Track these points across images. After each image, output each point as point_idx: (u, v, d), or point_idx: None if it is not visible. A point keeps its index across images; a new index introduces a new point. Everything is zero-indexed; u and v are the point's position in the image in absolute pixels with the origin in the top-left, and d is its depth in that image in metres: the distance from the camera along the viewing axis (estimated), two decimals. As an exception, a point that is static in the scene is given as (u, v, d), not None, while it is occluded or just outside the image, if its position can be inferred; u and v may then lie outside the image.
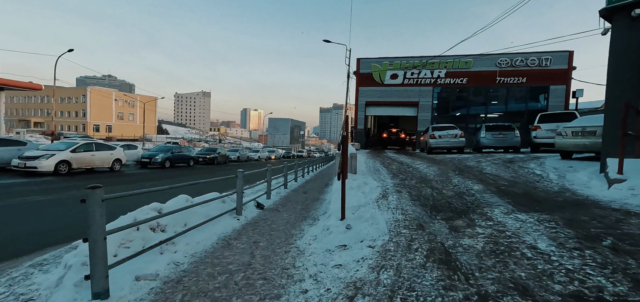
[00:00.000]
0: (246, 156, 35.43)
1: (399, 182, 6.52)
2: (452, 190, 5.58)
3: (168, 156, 19.85)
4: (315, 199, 8.24)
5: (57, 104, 71.82)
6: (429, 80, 21.18)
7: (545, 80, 19.08)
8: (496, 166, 8.74)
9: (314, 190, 10.07)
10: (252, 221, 5.54)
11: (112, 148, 15.58)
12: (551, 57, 18.88)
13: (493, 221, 3.74)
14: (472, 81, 20.35)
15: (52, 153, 12.72)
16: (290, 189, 10.33)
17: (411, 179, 6.90)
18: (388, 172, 8.06)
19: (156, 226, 3.92)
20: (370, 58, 22.38)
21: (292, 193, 9.24)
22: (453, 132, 14.80)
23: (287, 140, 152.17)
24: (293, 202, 7.70)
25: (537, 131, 13.60)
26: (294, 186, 11.18)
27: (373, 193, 5.51)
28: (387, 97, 22.06)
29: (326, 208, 6.67)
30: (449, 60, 20.60)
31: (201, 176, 15.36)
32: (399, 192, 5.58)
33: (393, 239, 3.45)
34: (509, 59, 19.52)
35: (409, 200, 5.06)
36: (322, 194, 9.09)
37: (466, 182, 6.28)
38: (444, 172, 7.60)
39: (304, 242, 4.12)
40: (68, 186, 10.05)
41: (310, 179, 14.24)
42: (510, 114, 20.13)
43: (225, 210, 5.53)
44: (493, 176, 6.95)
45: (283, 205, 7.22)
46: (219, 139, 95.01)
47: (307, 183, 12.24)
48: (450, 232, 3.49)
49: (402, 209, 4.59)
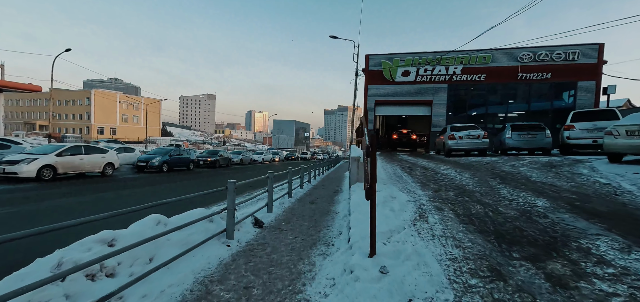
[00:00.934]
0: (250, 159, 34.26)
1: (434, 194, 5.18)
2: (511, 207, 4.22)
3: (165, 159, 18.71)
4: (325, 211, 6.93)
5: (61, 106, 71.79)
6: (443, 77, 19.74)
7: (572, 75, 17.53)
8: (540, 171, 7.35)
9: (323, 199, 8.76)
10: (246, 247, 4.26)
11: (104, 151, 14.47)
12: (579, 51, 17.33)
13: (613, 267, 2.39)
14: (491, 78, 18.87)
15: (35, 157, 11.61)
16: (296, 197, 9.05)
17: (446, 189, 5.55)
18: (414, 180, 6.72)
19: (98, 270, 2.64)
20: (380, 54, 21.03)
21: (297, 203, 7.95)
22: (475, 132, 13.40)
23: (291, 142, 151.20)
24: (299, 216, 6.40)
25: (571, 131, 12.20)
26: (299, 193, 9.90)
27: (405, 211, 4.18)
28: (398, 96, 20.66)
29: (340, 226, 5.37)
30: (465, 55, 19.16)
31: (201, 182, 14.18)
32: (440, 209, 4.24)
33: (462, 300, 2.13)
34: (531, 53, 18.01)
35: (458, 222, 3.72)
36: (333, 205, 7.78)
37: (520, 193, 4.92)
38: (482, 180, 6.24)
39: (317, 291, 2.82)
40: (50, 193, 8.90)
41: (317, 184, 12.94)
42: (533, 113, 18.60)
43: (212, 233, 4.25)
44: (548, 185, 5.57)
45: (287, 220, 5.93)
46: (224, 141, 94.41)
47: (314, 190, 10.94)
48: (554, 290, 2.15)
49: (453, 237, 3.27)
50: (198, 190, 11.57)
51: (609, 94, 16.38)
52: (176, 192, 10.24)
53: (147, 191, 10.26)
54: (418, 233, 3.46)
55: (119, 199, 8.50)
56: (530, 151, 13.36)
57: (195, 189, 11.34)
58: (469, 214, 3.97)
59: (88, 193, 9.28)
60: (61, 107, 71.89)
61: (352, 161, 5.96)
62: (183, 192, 10.21)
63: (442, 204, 4.54)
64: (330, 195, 9.62)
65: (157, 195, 9.44)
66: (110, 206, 7.59)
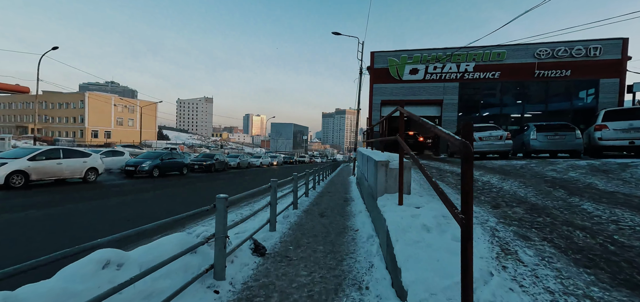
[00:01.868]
0: (247, 162, 32.87)
1: (497, 212, 3.87)
2: (626, 233, 2.92)
3: (157, 163, 17.31)
4: (341, 228, 5.61)
5: (54, 109, 70.10)
6: (454, 75, 18.52)
7: (593, 72, 16.36)
8: (596, 177, 6.07)
9: (333, 211, 7.44)
10: (242, 294, 2.92)
11: (86, 155, 13.07)
12: (601, 46, 16.18)
13: None
14: (506, 75, 17.67)
15: (4, 162, 10.22)
16: (302, 208, 7.72)
17: (508, 204, 4.25)
18: (456, 191, 5.42)
19: None
20: (387, 51, 19.79)
21: (305, 217, 6.62)
22: (497, 133, 12.20)
23: (290, 146, 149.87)
24: (310, 235, 5.07)
25: (603, 132, 11.06)
26: (305, 202, 8.57)
27: (476, 240, 2.86)
28: (406, 95, 19.41)
29: (368, 254, 4.06)
30: (478, 52, 17.96)
31: (193, 188, 12.81)
32: (526, 238, 2.93)
33: None
34: (549, 49, 16.84)
35: (572, 263, 2.41)
36: (347, 219, 6.46)
37: (613, 210, 3.63)
38: (541, 190, 4.95)
39: None
40: (13, 204, 7.53)
41: (322, 191, 11.63)
42: (550, 113, 17.40)
43: (193, 272, 2.93)
44: (628, 197, 4.28)
45: (296, 243, 4.60)
46: (221, 145, 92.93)
47: (320, 198, 9.62)
48: None
49: (590, 299, 1.95)
50: (189, 198, 10.20)
51: (635, 92, 15.23)
52: (162, 202, 8.88)
53: (129, 200, 8.88)
54: (519, 284, 2.15)
55: (93, 211, 7.13)
56: (552, 153, 12.27)
57: (186, 197, 9.97)
58: (577, 249, 2.66)
59: (61, 203, 7.91)
60: (54, 110, 70.18)
61: (379, 167, 4.64)
62: (170, 202, 8.85)
63: (521, 228, 3.23)
64: (340, 205, 8.30)
65: (137, 205, 8.06)
66: (82, 219, 6.23)
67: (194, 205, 8.81)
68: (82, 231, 5.52)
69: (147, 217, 6.81)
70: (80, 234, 5.30)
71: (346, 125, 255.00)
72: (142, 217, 6.73)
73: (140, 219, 6.48)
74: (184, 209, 8.16)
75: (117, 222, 6.22)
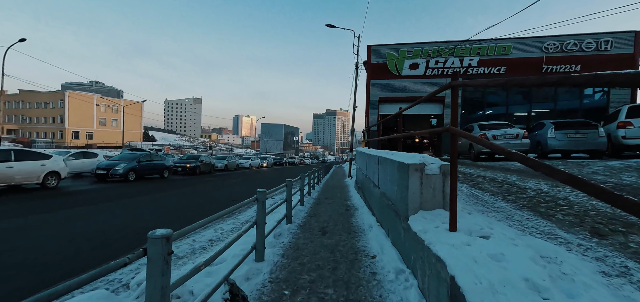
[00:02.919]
0: (235, 164, 31.14)
1: (617, 245, 2.51)
2: None
3: (133, 165, 15.57)
4: (352, 254, 4.19)
5: (31, 109, 66.59)
6: (457, 70, 17.34)
7: (604, 67, 15.41)
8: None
9: (336, 224, 6.01)
10: None
11: (45, 157, 11.30)
12: (612, 40, 15.27)
13: None
14: (512, 70, 16.59)
15: None
16: (297, 221, 6.27)
17: (613, 230, 2.90)
18: (506, 202, 4.08)
19: None
20: (385, 45, 18.50)
21: (302, 235, 5.17)
22: (512, 131, 11.05)
23: (280, 147, 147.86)
24: (310, 268, 3.63)
25: (627, 129, 10.18)
26: (300, 213, 7.11)
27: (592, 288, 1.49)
28: (405, 92, 18.16)
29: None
30: (483, 45, 16.85)
31: (176, 191, 11.19)
32: None
33: None
34: (558, 43, 15.85)
35: None
36: (357, 238, 5.04)
37: None
38: None
39: None
40: None
41: (318, 197, 10.20)
42: (559, 112, 16.40)
43: None
44: None
45: (292, 285, 3.15)
46: (209, 146, 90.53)
47: (317, 206, 8.18)
48: None
49: None
50: (161, 209, 8.64)
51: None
52: (126, 215, 7.27)
53: (82, 212, 7.22)
54: None
55: (26, 231, 5.50)
56: (565, 153, 11.25)
57: (162, 206, 8.36)
58: None
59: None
60: (32, 110, 66.66)
61: (411, 173, 3.24)
62: (134, 215, 7.24)
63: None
64: (343, 216, 6.88)
65: (86, 220, 6.43)
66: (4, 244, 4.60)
67: (168, 217, 7.29)
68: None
69: (92, 239, 5.24)
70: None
71: (337, 127, 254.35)
72: (86, 240, 5.15)
73: (79, 245, 4.91)
74: (153, 224, 6.57)
75: (34, 252, 4.63)
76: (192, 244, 4.99)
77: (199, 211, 8.06)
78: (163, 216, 7.34)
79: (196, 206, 8.81)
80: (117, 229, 5.79)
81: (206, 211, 7.93)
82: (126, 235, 5.42)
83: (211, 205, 9.14)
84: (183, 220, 6.86)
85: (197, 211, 8.07)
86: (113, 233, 5.52)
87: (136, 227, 6.03)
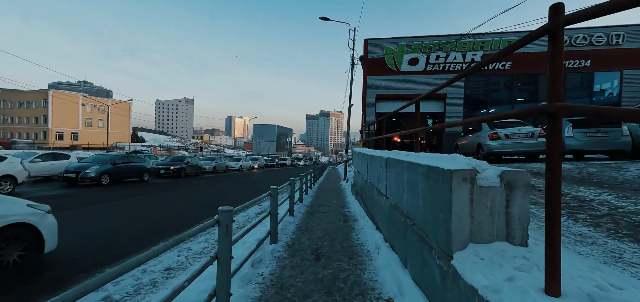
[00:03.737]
0: (225, 166, 29.64)
1: None
2: None
3: (107, 168, 14.10)
4: (357, 294, 2.94)
5: (13, 109, 63.95)
6: (459, 66, 16.30)
7: (616, 63, 14.53)
8: None
9: (334, 244, 4.77)
10: None
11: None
12: (624, 33, 14.38)
13: None
14: (517, 66, 15.61)
15: None
16: (284, 239, 5.00)
17: None
18: (606, 233, 2.88)
19: None
20: (382, 39, 17.37)
21: (289, 261, 3.91)
22: (527, 129, 10.00)
23: (273, 148, 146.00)
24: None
25: None
26: (289, 227, 5.85)
27: None
28: (405, 89, 17.04)
29: None
30: (487, 39, 15.84)
31: (151, 200, 9.83)
32: None
33: None
34: (566, 36, 14.90)
35: None
36: (362, 267, 3.81)
37: None
38: None
39: None
40: None
41: (311, 204, 8.97)
42: (567, 108, 15.44)
43: None
44: None
45: None
46: (201, 147, 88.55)
47: (310, 217, 6.94)
48: None
49: None
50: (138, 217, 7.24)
51: (664, 84, 13.46)
52: (86, 231, 5.90)
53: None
54: None
55: None
56: (578, 154, 10.27)
57: (134, 218, 6.99)
58: None
59: None
60: (13, 110, 64.02)
61: (456, 184, 2.01)
62: (93, 229, 5.87)
63: None
64: (341, 231, 5.64)
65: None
66: None
67: (135, 233, 5.17)
68: None
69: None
70: None
71: (330, 128, 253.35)
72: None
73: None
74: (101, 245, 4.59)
75: None
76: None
77: (165, 224, 6.71)
78: (134, 231, 5.98)
79: (161, 219, 7.47)
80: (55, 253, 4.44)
81: (174, 226, 6.62)
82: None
83: (197, 205, 7.81)
84: (113, 247, 5.51)
85: (161, 225, 6.72)
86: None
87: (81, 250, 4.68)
